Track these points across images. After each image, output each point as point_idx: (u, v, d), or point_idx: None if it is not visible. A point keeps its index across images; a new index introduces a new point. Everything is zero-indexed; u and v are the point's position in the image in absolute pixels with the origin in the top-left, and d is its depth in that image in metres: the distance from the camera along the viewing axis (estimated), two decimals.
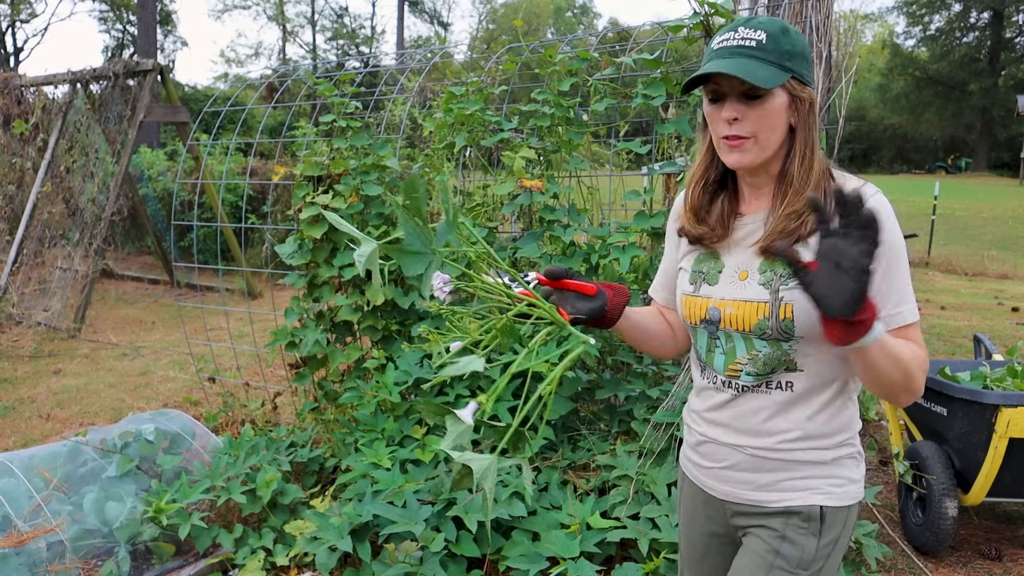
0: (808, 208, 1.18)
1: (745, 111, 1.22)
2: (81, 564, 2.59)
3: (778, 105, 1.21)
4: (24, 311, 7.12)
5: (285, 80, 5.15)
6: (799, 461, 1.28)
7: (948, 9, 36.31)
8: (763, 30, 1.21)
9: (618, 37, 4.10)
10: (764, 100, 1.21)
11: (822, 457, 1.28)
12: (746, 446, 1.31)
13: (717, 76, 1.22)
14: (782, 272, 1.24)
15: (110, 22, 35.88)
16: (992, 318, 7.34)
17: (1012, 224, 14.45)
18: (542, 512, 2.55)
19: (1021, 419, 2.70)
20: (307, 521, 2.64)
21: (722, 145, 1.26)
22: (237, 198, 9.79)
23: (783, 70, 1.20)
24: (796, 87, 1.22)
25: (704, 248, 1.37)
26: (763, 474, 1.31)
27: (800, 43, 1.23)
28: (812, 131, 1.25)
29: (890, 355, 1.11)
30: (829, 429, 1.28)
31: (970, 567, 2.92)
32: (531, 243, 3.12)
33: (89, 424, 4.42)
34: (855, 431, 1.32)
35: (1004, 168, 31.81)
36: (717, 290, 1.32)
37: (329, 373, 3.48)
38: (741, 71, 1.17)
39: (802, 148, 1.24)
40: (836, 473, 1.29)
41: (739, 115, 1.22)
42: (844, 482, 1.29)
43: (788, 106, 1.23)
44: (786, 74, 1.20)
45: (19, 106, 8.15)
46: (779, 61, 1.20)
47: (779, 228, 1.23)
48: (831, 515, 1.28)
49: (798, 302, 1.21)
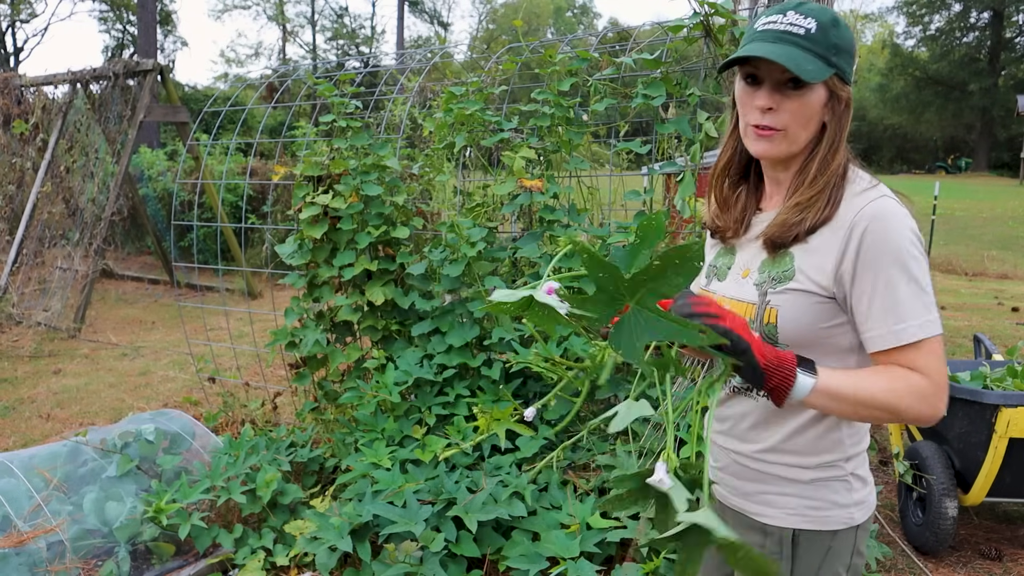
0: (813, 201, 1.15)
1: (781, 102, 1.14)
2: (81, 564, 2.58)
3: (816, 101, 1.14)
4: (24, 311, 7.11)
5: (285, 80, 5.15)
6: (774, 475, 1.23)
7: (948, 9, 36.29)
8: (814, 18, 1.12)
9: (618, 37, 4.10)
10: (803, 93, 1.13)
11: (798, 476, 1.21)
12: (731, 450, 1.29)
13: (758, 60, 1.14)
14: (774, 273, 1.19)
15: (110, 22, 35.89)
16: (992, 318, 7.34)
17: (1012, 224, 14.45)
18: (542, 512, 2.55)
19: (1021, 419, 2.70)
20: (307, 521, 2.64)
21: (749, 132, 1.19)
22: (237, 198, 9.79)
23: (829, 65, 1.12)
24: (837, 84, 1.15)
25: (723, 243, 1.32)
26: (745, 482, 1.27)
27: (848, 38, 1.14)
28: (842, 132, 1.18)
29: (843, 399, 1.06)
30: (810, 448, 1.20)
31: (970, 567, 2.92)
32: (531, 243, 3.12)
33: (89, 424, 4.42)
34: (848, 454, 1.22)
35: (1004, 168, 31.78)
36: (722, 287, 1.29)
37: (329, 373, 3.47)
38: (788, 60, 1.10)
39: (827, 148, 1.17)
40: (815, 495, 1.21)
41: (774, 105, 1.15)
42: (827, 505, 1.21)
43: (825, 103, 1.15)
44: (831, 69, 1.12)
45: (19, 106, 8.15)
46: (826, 55, 1.12)
47: (780, 220, 1.19)
48: (806, 540, 1.21)
49: (783, 308, 1.16)
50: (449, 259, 3.19)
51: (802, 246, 1.17)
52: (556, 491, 2.67)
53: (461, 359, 3.04)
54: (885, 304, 1.09)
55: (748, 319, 1.19)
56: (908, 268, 1.09)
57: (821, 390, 1.05)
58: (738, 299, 1.24)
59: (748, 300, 1.21)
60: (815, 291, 1.15)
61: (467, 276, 3.19)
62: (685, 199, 2.85)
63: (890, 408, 1.07)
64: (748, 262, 1.25)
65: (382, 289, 3.30)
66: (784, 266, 1.18)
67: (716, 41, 2.83)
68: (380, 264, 3.35)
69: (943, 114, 35.84)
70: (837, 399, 1.06)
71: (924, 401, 1.08)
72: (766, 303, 1.18)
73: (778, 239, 1.18)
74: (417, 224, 3.54)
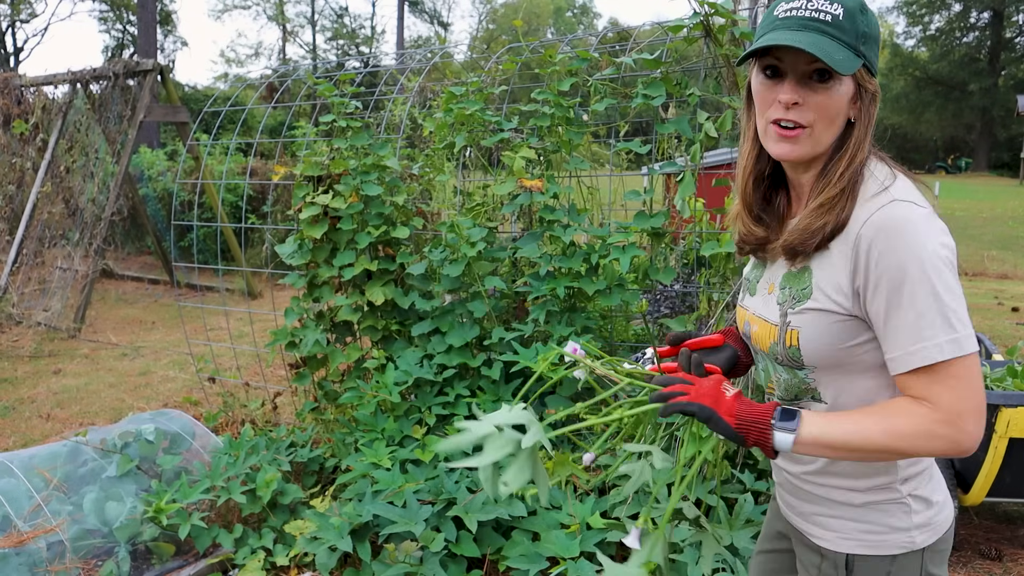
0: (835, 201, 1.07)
1: (808, 96, 1.04)
2: (81, 564, 2.58)
3: (844, 95, 1.05)
4: (24, 311, 7.11)
5: (285, 80, 5.15)
6: (826, 498, 1.17)
7: (948, 9, 36.30)
8: (840, 4, 1.03)
9: (618, 37, 4.10)
10: (830, 86, 1.04)
11: (849, 499, 1.14)
12: (783, 469, 1.24)
13: (782, 50, 1.04)
14: (794, 292, 1.11)
15: (110, 22, 35.89)
16: (992, 318, 7.34)
17: (1012, 224, 14.45)
18: (542, 512, 2.55)
19: (1021, 419, 2.69)
20: (307, 521, 2.64)
21: (770, 131, 1.09)
22: (237, 198, 9.79)
23: (857, 55, 1.03)
24: (865, 77, 1.06)
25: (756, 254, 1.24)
26: (801, 502, 1.22)
27: (875, 26, 1.05)
28: (869, 128, 1.08)
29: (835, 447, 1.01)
30: (859, 471, 1.13)
31: (970, 567, 2.92)
32: (531, 243, 3.12)
33: (89, 424, 4.42)
34: (904, 475, 1.13)
35: (1004, 168, 31.79)
36: (752, 302, 1.23)
37: (329, 373, 3.48)
38: (816, 48, 0.99)
39: (854, 147, 1.07)
40: (869, 519, 1.13)
41: (800, 99, 1.05)
42: (883, 529, 1.13)
43: (852, 98, 1.06)
44: (860, 60, 1.03)
45: (19, 106, 8.15)
46: (855, 44, 1.02)
47: (802, 225, 1.10)
48: (862, 565, 1.14)
49: (804, 329, 1.09)
50: (449, 259, 3.19)
51: (820, 257, 1.09)
52: (556, 491, 2.67)
53: (461, 359, 3.05)
54: (899, 322, 1.00)
55: (772, 341, 1.15)
56: (919, 284, 0.98)
57: (806, 442, 1.00)
58: (764, 318, 1.18)
59: (772, 321, 1.16)
60: (834, 310, 1.07)
61: (467, 276, 3.19)
62: (685, 199, 2.85)
63: (894, 451, 1.00)
64: (773, 275, 1.19)
65: (382, 289, 3.30)
66: (803, 283, 1.11)
67: (716, 41, 2.83)
68: (380, 264, 3.35)
69: (943, 114, 35.86)
70: (829, 448, 1.01)
71: (934, 439, 0.98)
72: (787, 325, 1.12)
73: (799, 246, 1.10)
74: (417, 224, 3.54)
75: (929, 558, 1.13)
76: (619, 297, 2.99)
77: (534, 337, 3.13)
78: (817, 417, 1.02)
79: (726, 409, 1.02)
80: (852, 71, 1.02)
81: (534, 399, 1.13)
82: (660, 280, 3.02)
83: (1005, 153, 33.12)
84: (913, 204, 1.02)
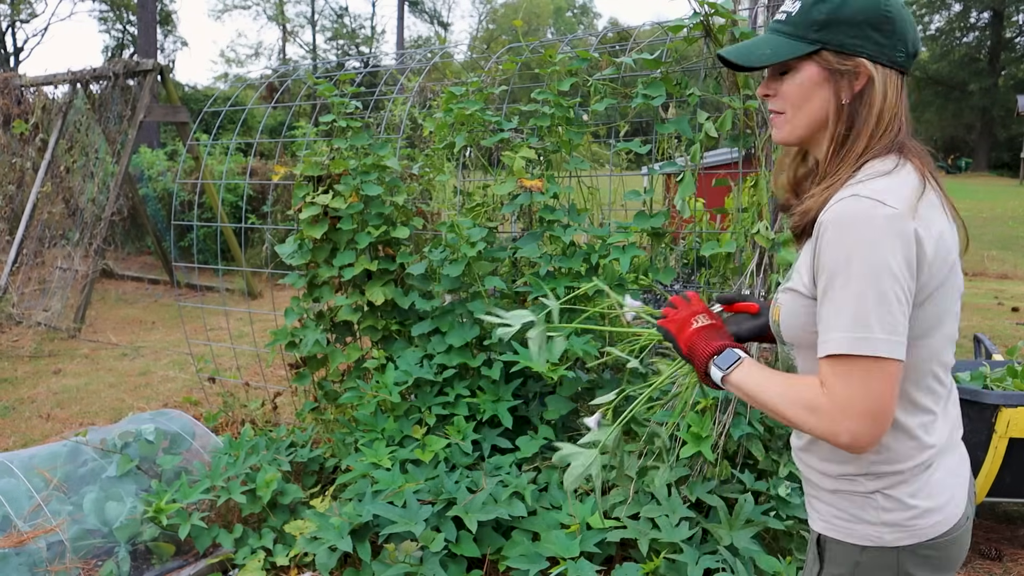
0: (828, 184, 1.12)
1: (777, 87, 1.17)
2: (81, 564, 2.58)
3: (806, 80, 1.12)
4: (24, 311, 7.11)
5: (285, 80, 5.15)
6: (807, 477, 1.23)
7: (948, 9, 36.31)
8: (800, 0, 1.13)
9: (618, 37, 4.09)
10: (791, 75, 1.14)
11: (821, 482, 1.19)
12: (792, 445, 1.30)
13: None
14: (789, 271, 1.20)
15: (110, 22, 35.90)
16: (992, 318, 7.34)
17: (1012, 224, 14.45)
18: (542, 512, 2.55)
19: (1021, 419, 2.69)
20: (307, 521, 2.64)
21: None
22: (237, 198, 9.79)
23: (808, 42, 1.10)
24: (831, 59, 1.10)
25: None
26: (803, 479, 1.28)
27: (846, 10, 1.08)
28: (862, 111, 1.09)
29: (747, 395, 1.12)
30: (826, 455, 1.17)
31: (970, 567, 2.92)
32: (531, 243, 3.12)
33: (89, 424, 4.42)
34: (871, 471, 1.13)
35: (1004, 168, 31.80)
36: None
37: (329, 373, 3.48)
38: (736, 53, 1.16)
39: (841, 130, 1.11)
40: (839, 505, 1.17)
41: (772, 91, 1.18)
42: (849, 518, 1.15)
43: (824, 81, 1.11)
44: (810, 46, 1.10)
45: (19, 106, 8.15)
46: (803, 33, 1.11)
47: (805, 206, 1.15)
48: (833, 547, 1.17)
49: (783, 307, 1.16)
50: (449, 259, 3.19)
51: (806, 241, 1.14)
52: (556, 491, 2.67)
53: (461, 359, 3.04)
54: (823, 311, 1.05)
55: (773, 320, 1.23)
56: (852, 279, 1.01)
57: (730, 382, 1.14)
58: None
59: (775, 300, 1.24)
60: (802, 291, 1.12)
61: (467, 276, 3.19)
62: (685, 199, 2.85)
63: (780, 414, 1.07)
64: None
65: (382, 289, 3.30)
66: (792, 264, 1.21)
67: (716, 41, 2.83)
68: (380, 264, 3.35)
69: (943, 114, 35.86)
70: (743, 394, 1.12)
71: (815, 416, 1.03)
72: (776, 301, 1.21)
73: (792, 228, 1.19)
74: (417, 224, 3.54)
75: (907, 559, 1.12)
76: None
77: None
78: (752, 367, 1.13)
79: (685, 337, 1.21)
80: (778, 60, 1.12)
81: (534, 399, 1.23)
82: (660, 280, 3.02)
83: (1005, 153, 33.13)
84: (877, 203, 1.01)
